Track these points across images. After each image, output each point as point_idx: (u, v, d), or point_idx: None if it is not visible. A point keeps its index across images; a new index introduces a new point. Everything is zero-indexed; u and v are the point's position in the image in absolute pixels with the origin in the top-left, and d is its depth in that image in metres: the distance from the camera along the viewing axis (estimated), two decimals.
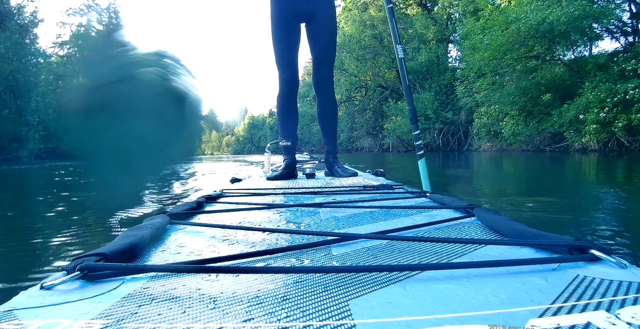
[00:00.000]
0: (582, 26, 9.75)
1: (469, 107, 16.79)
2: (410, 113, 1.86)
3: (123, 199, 2.41)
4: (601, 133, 9.95)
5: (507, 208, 2.10)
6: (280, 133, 2.04)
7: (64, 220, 2.34)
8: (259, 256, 0.53)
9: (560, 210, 2.08)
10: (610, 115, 9.60)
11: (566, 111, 10.77)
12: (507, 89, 12.76)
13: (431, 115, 19.11)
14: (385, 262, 0.50)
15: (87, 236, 1.83)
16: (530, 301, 0.35)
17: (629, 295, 0.35)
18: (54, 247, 1.63)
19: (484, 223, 0.69)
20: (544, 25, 9.96)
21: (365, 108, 24.53)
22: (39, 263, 1.43)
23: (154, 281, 0.44)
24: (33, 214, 2.69)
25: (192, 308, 0.36)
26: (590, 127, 9.94)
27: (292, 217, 0.87)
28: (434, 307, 0.34)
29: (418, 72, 20.84)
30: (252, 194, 1.31)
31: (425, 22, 20.72)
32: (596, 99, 9.79)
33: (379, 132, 24.16)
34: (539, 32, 10.45)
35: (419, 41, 21.00)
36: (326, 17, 1.93)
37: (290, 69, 1.92)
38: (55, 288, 0.41)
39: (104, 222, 2.16)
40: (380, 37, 22.62)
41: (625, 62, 9.72)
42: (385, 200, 1.04)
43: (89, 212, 2.56)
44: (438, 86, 20.19)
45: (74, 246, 1.64)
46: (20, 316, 0.35)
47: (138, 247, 0.56)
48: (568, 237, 0.50)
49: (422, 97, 19.58)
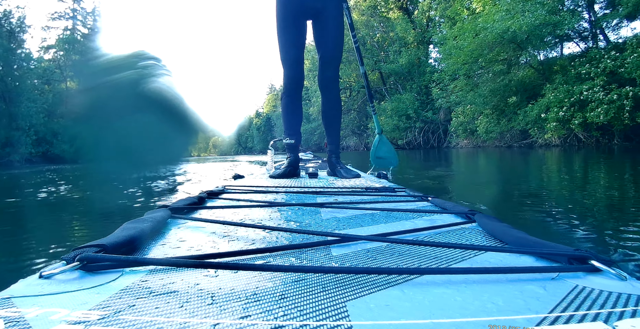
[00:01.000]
0: (542, 34, 10.82)
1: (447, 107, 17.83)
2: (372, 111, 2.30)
3: (118, 199, 2.62)
4: (561, 130, 11.05)
5: (469, 194, 2.88)
6: (284, 131, 2.01)
7: (64, 214, 2.47)
8: (259, 254, 0.53)
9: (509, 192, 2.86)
10: (568, 113, 10.67)
11: (530, 111, 11.85)
12: (479, 91, 13.81)
13: (412, 114, 20.08)
14: (385, 264, 0.49)
15: (86, 229, 1.89)
16: (527, 310, 0.34)
17: (628, 308, 0.34)
18: (54, 237, 1.67)
19: (484, 229, 0.69)
20: (508, 33, 11.04)
21: (350, 109, 25.35)
22: (38, 251, 1.45)
23: (153, 274, 0.44)
24: (35, 208, 2.79)
25: (189, 303, 0.36)
26: (551, 124, 11.02)
27: (293, 216, 0.86)
28: (432, 311, 0.34)
29: (399, 73, 21.81)
30: (254, 191, 1.31)
31: (406, 26, 21.66)
32: (556, 99, 10.86)
33: (363, 132, 25.09)
34: (504, 40, 11.52)
35: (400, 44, 21.97)
36: (334, 14, 1.88)
37: (295, 66, 1.89)
38: (54, 278, 0.41)
39: (103, 217, 2.23)
40: (363, 40, 23.46)
41: (581, 65, 10.81)
42: (386, 203, 1.04)
43: (89, 208, 2.65)
44: (419, 86, 21.18)
45: (73, 237, 1.68)
46: (18, 304, 0.35)
47: (138, 240, 0.56)
48: (568, 247, 0.50)
49: (404, 98, 20.56)
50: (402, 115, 20.34)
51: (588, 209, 1.88)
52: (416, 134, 20.39)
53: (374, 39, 24.22)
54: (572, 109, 10.62)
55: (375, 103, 2.38)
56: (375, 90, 23.91)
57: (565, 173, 3.94)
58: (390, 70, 22.06)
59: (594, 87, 10.14)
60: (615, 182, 2.92)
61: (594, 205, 1.99)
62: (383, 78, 23.99)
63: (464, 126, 16.61)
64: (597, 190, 2.54)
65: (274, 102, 52.16)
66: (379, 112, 22.03)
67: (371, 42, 24.03)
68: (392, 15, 24.25)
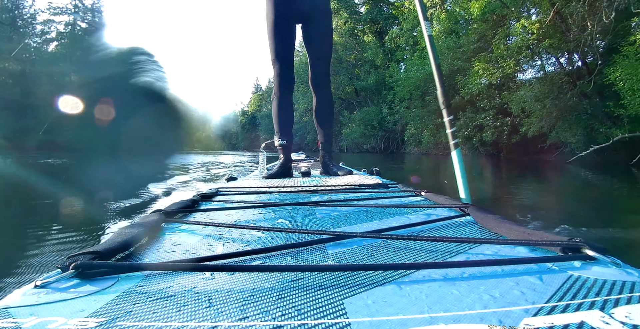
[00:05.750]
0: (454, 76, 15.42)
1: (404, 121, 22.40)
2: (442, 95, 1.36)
3: (113, 191, 2.79)
4: (466, 145, 15.67)
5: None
6: (276, 131, 1.99)
7: (58, 217, 2.39)
8: (255, 255, 0.53)
9: None
10: (471, 133, 15.27)
11: None
12: (416, 112, 18.48)
13: (376, 124, 24.54)
14: (381, 261, 0.49)
15: (81, 234, 1.88)
16: (524, 300, 0.35)
17: (623, 294, 0.34)
18: (47, 244, 1.64)
19: (478, 222, 0.69)
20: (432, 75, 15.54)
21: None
22: (32, 260, 1.43)
23: (149, 279, 0.44)
24: (26, 210, 2.69)
25: (187, 307, 0.36)
26: (460, 140, 15.65)
27: (287, 215, 0.85)
28: (429, 306, 0.34)
29: (368, 89, 26.24)
30: (248, 192, 1.30)
31: (376, 50, 26.06)
32: (465, 123, 15.45)
33: (337, 137, 29.53)
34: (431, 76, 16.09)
35: (370, 65, 26.43)
36: (322, 19, 1.95)
37: (286, 67, 1.92)
38: (49, 286, 0.41)
39: (98, 219, 2.22)
40: (340, 59, 27.76)
41: (481, 101, 15.40)
42: (380, 199, 1.04)
43: (85, 209, 2.65)
44: (384, 101, 25.66)
45: (68, 244, 1.66)
46: (14, 314, 0.34)
47: (132, 245, 0.57)
48: (562, 236, 0.50)
49: (370, 110, 24.99)
50: (368, 125, 24.79)
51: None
52: (378, 141, 24.86)
53: (350, 58, 28.54)
54: (473, 130, 15.23)
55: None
56: (349, 102, 28.28)
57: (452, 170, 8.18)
58: (361, 86, 26.50)
59: (487, 116, 14.75)
60: (484, 176, 7.10)
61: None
62: (357, 92, 28.36)
63: (415, 137, 21.11)
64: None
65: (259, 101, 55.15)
66: (350, 121, 26.46)
67: (348, 60, 28.36)
68: (367, 38, 28.63)
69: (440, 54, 15.91)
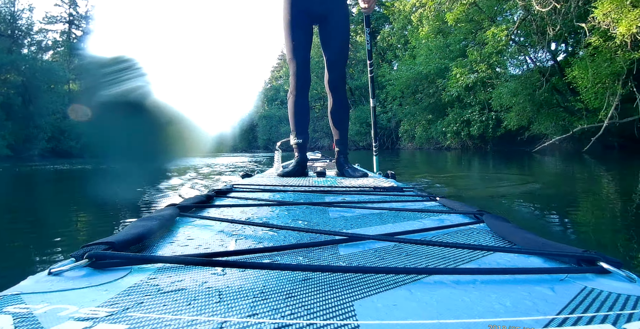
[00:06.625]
0: (442, 74, 16.24)
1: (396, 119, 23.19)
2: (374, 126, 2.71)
3: (123, 192, 2.84)
4: (455, 139, 16.53)
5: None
6: (292, 130, 2.02)
7: (75, 210, 2.58)
8: (266, 252, 0.53)
9: None
10: (459, 128, 16.10)
11: (439, 125, 17.29)
12: (408, 109, 19.27)
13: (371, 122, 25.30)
14: (392, 264, 0.49)
15: (97, 226, 1.96)
16: (536, 311, 0.34)
17: (637, 310, 0.34)
18: (64, 234, 1.71)
19: (493, 230, 0.69)
20: (421, 74, 16.55)
21: (323, 115, 30.44)
22: (47, 248, 1.48)
23: (161, 272, 0.44)
24: (46, 204, 2.88)
25: (197, 301, 0.36)
26: (449, 135, 16.47)
27: (301, 215, 0.86)
28: (439, 312, 0.34)
29: (363, 88, 27.04)
30: (262, 190, 1.31)
31: None
32: (453, 119, 16.28)
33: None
34: (421, 75, 17.04)
35: (363, 65, 27.20)
36: (339, 20, 1.97)
37: (302, 67, 1.94)
38: (63, 274, 0.42)
39: (113, 214, 2.31)
40: None
41: (468, 97, 16.19)
42: (394, 202, 1.04)
43: (99, 204, 2.75)
44: (378, 99, 26.44)
45: (83, 234, 1.73)
46: (27, 300, 0.35)
47: (146, 237, 0.57)
48: (577, 248, 0.49)
49: (365, 108, 25.77)
50: (363, 122, 25.57)
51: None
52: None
53: None
54: (461, 125, 16.08)
55: None
56: None
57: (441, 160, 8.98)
58: (355, 85, 27.28)
59: (473, 112, 15.56)
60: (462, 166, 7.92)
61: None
62: (352, 91, 29.09)
63: (408, 133, 21.90)
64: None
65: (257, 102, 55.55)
66: None
67: None
68: (359, 38, 29.32)
69: (429, 53, 16.82)
